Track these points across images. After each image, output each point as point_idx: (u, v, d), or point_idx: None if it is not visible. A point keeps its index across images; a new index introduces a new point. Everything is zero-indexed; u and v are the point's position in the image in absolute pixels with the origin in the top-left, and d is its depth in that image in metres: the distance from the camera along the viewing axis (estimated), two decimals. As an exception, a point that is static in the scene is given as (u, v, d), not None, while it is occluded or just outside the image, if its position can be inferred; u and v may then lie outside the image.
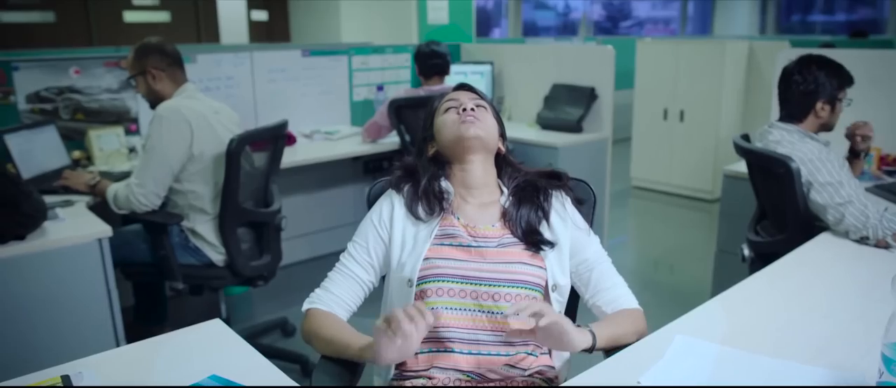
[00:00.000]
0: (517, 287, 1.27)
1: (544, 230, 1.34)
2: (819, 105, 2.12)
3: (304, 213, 3.74)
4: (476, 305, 1.26)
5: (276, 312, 3.10)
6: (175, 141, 2.31)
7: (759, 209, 2.45)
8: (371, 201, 1.48)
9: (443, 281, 1.28)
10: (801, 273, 1.72)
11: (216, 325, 1.36)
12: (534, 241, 1.32)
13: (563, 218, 1.38)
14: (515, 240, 1.32)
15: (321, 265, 1.30)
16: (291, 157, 3.22)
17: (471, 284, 1.27)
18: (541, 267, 1.31)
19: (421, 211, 1.35)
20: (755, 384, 1.12)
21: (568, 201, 1.41)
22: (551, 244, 1.33)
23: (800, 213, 2.04)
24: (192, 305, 3.14)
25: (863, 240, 1.88)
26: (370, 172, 3.94)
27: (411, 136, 3.42)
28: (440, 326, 1.26)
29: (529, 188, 1.38)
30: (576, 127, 3.81)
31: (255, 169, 2.56)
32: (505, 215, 1.36)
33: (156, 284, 2.74)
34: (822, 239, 1.95)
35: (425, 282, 1.28)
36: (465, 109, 1.36)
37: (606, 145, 3.91)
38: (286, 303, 3.18)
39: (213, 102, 2.56)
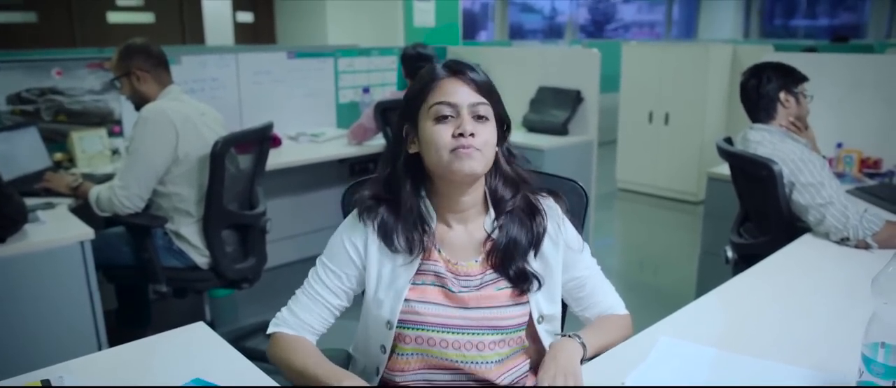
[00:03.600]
0: (501, 333, 1.20)
1: (533, 266, 1.22)
2: (782, 96, 2.19)
3: (290, 215, 3.73)
4: (459, 355, 1.19)
5: (260, 315, 3.07)
6: (160, 143, 2.29)
7: (742, 211, 2.47)
8: (346, 207, 1.37)
9: (423, 330, 1.19)
10: (784, 275, 1.73)
11: (200, 328, 1.35)
12: (522, 289, 1.21)
13: (555, 243, 1.25)
14: (497, 276, 1.21)
15: (307, 268, 1.26)
16: (277, 159, 3.20)
17: (452, 333, 1.19)
18: (524, 303, 1.22)
19: (399, 244, 1.19)
20: (738, 384, 1.13)
21: (565, 221, 1.27)
22: (540, 285, 1.22)
23: (782, 215, 2.06)
24: (175, 308, 3.11)
25: (843, 241, 1.91)
26: (356, 174, 3.93)
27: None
28: (423, 368, 1.21)
29: (520, 215, 1.23)
30: (561, 130, 3.83)
31: (240, 171, 2.55)
32: (490, 249, 1.22)
33: (139, 287, 2.71)
34: (804, 241, 1.97)
35: (406, 328, 1.20)
36: (462, 134, 1.13)
37: (592, 148, 3.92)
38: (271, 306, 3.09)
39: (199, 103, 2.54)
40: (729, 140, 2.37)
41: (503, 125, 1.22)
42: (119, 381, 1.14)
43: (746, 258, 2.15)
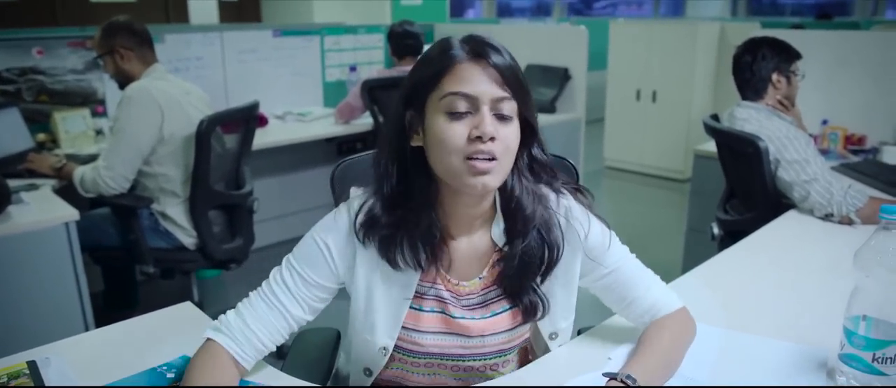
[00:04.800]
0: (504, 355, 1.12)
1: (542, 289, 1.09)
2: (774, 77, 2.18)
3: (277, 195, 3.71)
4: (461, 377, 1.12)
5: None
6: (145, 123, 2.26)
7: (728, 188, 2.49)
8: (335, 185, 1.28)
9: (422, 358, 1.10)
10: (768, 250, 1.76)
11: (187, 308, 1.34)
12: (526, 318, 1.09)
13: (574, 254, 1.09)
14: (500, 293, 1.09)
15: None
16: (263, 138, 3.18)
17: (454, 361, 1.10)
18: (526, 322, 1.11)
19: (404, 261, 1.03)
20: (723, 358, 1.14)
21: (591, 223, 1.09)
22: (545, 312, 1.09)
23: (768, 191, 2.07)
24: (163, 289, 3.10)
25: (827, 217, 1.93)
26: (343, 153, 3.90)
27: (384, 117, 3.40)
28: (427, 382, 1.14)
29: (535, 231, 1.04)
30: (549, 107, 3.83)
31: (226, 151, 2.53)
32: (497, 265, 1.08)
33: (126, 268, 2.70)
34: (789, 217, 1.99)
35: (405, 354, 1.10)
36: (480, 137, 0.93)
37: (580, 126, 3.93)
38: (259, 286, 3.13)
39: (184, 82, 2.51)
40: (716, 117, 2.38)
41: (528, 126, 1.02)
42: (106, 360, 1.14)
43: (732, 235, 2.17)
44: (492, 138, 0.94)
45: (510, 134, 0.97)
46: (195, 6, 7.33)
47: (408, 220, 1.01)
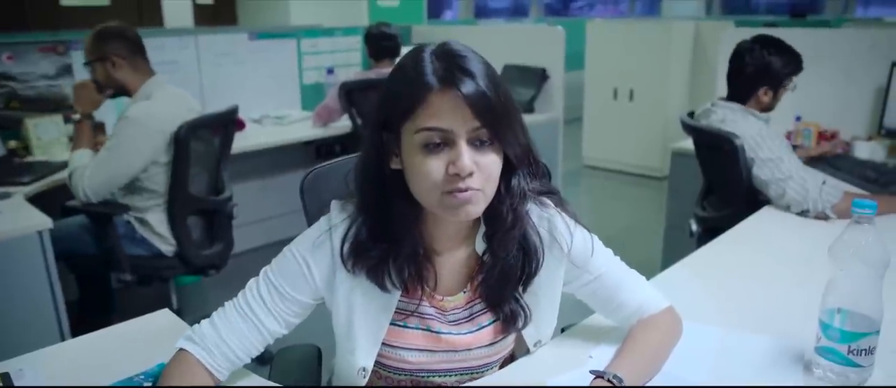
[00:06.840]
0: (487, 370, 1.13)
1: (524, 299, 1.08)
2: (762, 90, 2.16)
3: (256, 199, 3.68)
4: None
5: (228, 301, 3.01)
6: (144, 151, 2.22)
7: (705, 185, 2.52)
8: (305, 194, 1.21)
9: (406, 375, 1.09)
10: (746, 246, 1.78)
11: (165, 315, 1.33)
12: (509, 329, 1.09)
13: (558, 263, 1.08)
14: (485, 306, 1.08)
15: (274, 253, 1.11)
16: (241, 142, 3.15)
17: (440, 377, 1.09)
18: (508, 333, 1.11)
19: (391, 283, 1.01)
20: (701, 353, 1.15)
21: (576, 231, 1.08)
22: (526, 322, 1.08)
23: (744, 188, 2.10)
24: (141, 296, 3.05)
25: (803, 213, 1.96)
26: (322, 157, 3.89)
27: (363, 119, 3.39)
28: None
29: (516, 242, 1.03)
30: (527, 108, 3.84)
31: (213, 151, 2.49)
32: (479, 277, 1.06)
33: (101, 275, 2.65)
34: (765, 212, 2.02)
35: (387, 371, 1.09)
36: (458, 173, 0.89)
37: (558, 125, 3.95)
38: (235, 296, 3.10)
39: (187, 98, 2.43)
40: (691, 115, 2.40)
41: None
42: (82, 371, 1.12)
43: (710, 231, 2.19)
44: (470, 174, 0.90)
45: (491, 162, 0.92)
46: (169, 9, 7.24)
47: (394, 246, 0.99)
